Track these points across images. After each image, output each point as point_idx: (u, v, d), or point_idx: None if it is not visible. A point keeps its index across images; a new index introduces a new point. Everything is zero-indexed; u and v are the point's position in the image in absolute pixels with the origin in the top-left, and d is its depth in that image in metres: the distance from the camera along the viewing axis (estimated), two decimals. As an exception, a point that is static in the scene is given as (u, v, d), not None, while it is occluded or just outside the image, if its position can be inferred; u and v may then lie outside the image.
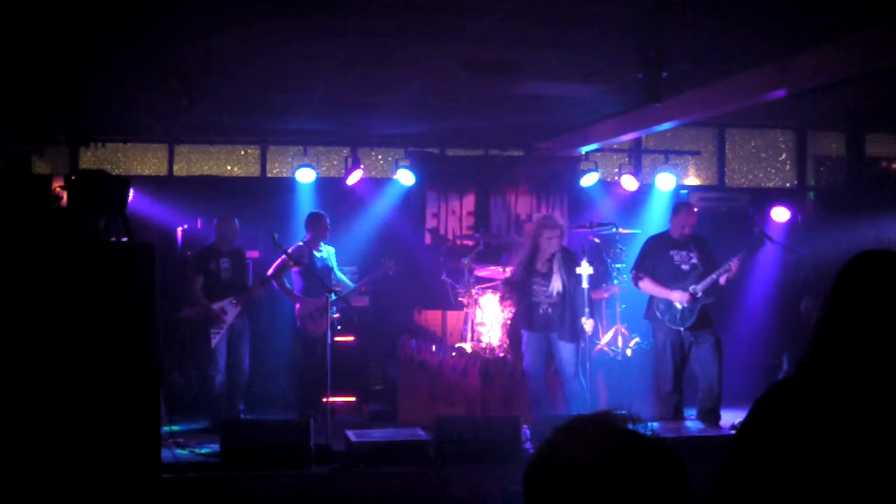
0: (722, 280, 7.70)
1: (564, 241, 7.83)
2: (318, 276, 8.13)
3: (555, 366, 7.88)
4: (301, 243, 8.71)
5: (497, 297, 8.94)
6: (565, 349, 7.62)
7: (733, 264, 7.61)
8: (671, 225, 8.01)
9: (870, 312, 2.16)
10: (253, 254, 9.19)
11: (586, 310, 7.46)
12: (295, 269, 8.56)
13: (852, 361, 2.14)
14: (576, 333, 7.56)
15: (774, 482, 2.11)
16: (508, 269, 9.19)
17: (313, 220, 8.77)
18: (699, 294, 7.68)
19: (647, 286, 7.87)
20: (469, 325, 9.00)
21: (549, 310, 7.58)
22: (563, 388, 7.76)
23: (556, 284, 7.57)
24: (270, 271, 8.55)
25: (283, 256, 8.25)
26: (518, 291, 7.79)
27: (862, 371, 2.13)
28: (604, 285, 8.96)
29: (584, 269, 7.46)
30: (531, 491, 1.47)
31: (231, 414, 8.21)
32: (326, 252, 8.85)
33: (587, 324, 7.44)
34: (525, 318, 7.74)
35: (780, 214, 10.23)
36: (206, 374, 8.38)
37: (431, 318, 9.40)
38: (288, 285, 8.79)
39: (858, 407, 2.10)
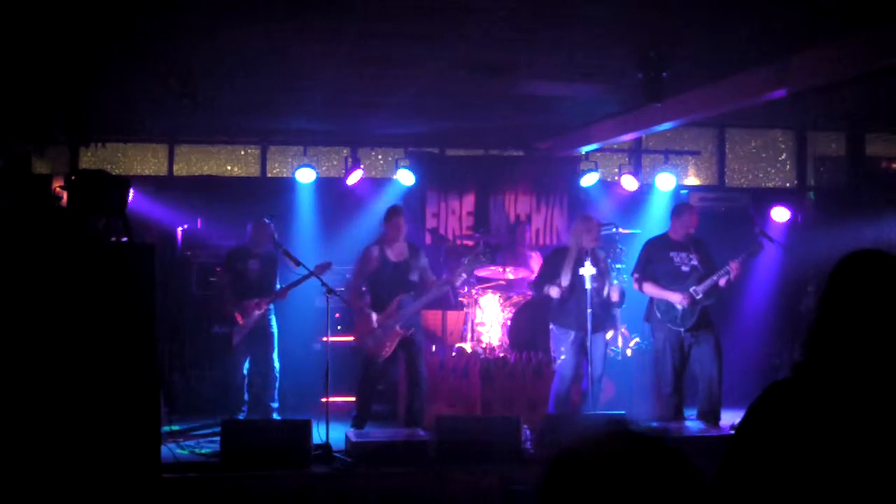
0: (722, 282, 7.69)
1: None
2: (386, 283, 7.81)
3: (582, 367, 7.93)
4: (374, 243, 8.03)
5: (497, 296, 8.95)
6: (600, 347, 7.67)
7: (733, 267, 7.60)
8: (672, 227, 7.99)
9: (861, 312, 2.17)
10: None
11: (588, 311, 7.47)
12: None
13: (846, 362, 2.14)
14: (615, 323, 8.23)
15: (771, 484, 2.11)
16: (509, 269, 9.23)
17: (385, 215, 8.06)
18: (699, 295, 7.67)
19: (650, 289, 7.86)
20: (469, 325, 8.99)
21: (597, 307, 7.53)
22: (591, 387, 7.63)
23: (605, 281, 7.64)
24: (352, 278, 8.00)
25: (358, 263, 7.97)
26: (568, 291, 7.65)
27: (856, 371, 2.13)
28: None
29: (587, 270, 7.48)
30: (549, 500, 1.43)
31: (264, 413, 8.13)
32: (410, 252, 8.04)
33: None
34: (574, 317, 7.65)
35: (780, 214, 10.23)
36: (227, 371, 8.33)
37: (431, 318, 9.39)
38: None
39: (853, 407, 2.10)
